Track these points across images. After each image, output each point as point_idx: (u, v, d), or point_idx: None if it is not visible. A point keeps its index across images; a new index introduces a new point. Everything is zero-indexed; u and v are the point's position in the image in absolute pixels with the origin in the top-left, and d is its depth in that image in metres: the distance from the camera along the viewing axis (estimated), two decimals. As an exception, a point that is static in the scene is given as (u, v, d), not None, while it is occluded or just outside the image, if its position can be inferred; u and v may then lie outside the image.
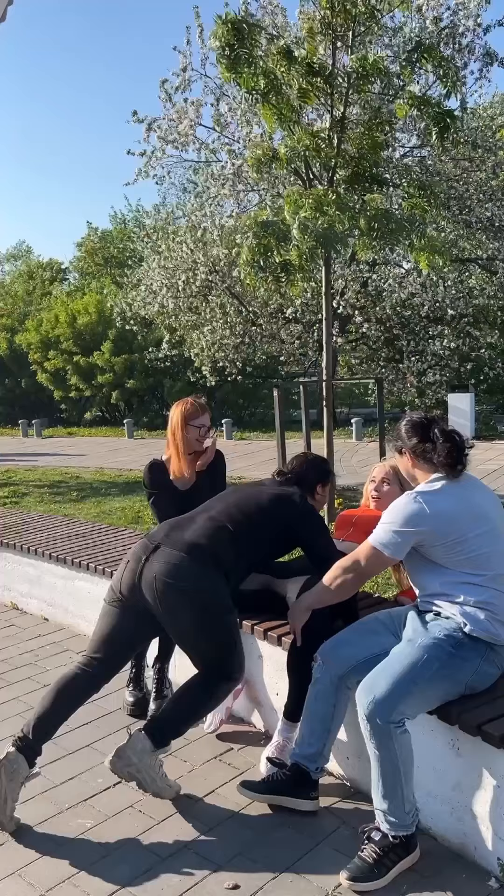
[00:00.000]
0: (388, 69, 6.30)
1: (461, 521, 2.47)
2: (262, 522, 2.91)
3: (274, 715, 3.14)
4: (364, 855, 2.33)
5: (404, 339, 14.64)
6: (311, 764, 2.66)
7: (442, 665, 2.38)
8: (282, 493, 3.04)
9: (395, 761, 2.32)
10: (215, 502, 3.01)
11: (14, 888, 2.34)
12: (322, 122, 7.77)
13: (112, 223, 31.41)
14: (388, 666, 2.40)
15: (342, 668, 2.61)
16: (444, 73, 6.16)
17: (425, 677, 2.35)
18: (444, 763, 2.46)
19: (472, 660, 2.42)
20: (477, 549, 2.48)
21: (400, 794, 2.33)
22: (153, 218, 22.39)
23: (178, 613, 2.71)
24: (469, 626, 2.43)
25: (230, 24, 5.86)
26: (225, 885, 2.31)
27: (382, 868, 2.29)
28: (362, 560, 2.58)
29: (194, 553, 2.72)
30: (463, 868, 2.36)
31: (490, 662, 2.46)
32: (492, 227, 13.45)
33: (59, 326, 21.90)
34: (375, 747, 2.33)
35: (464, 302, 13.86)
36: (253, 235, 6.23)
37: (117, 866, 2.42)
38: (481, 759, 2.32)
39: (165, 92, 12.50)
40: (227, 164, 12.39)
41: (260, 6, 11.96)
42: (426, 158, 12.79)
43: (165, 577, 2.68)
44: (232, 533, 2.82)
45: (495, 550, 2.51)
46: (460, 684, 2.42)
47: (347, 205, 5.89)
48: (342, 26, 6.14)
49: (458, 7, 11.27)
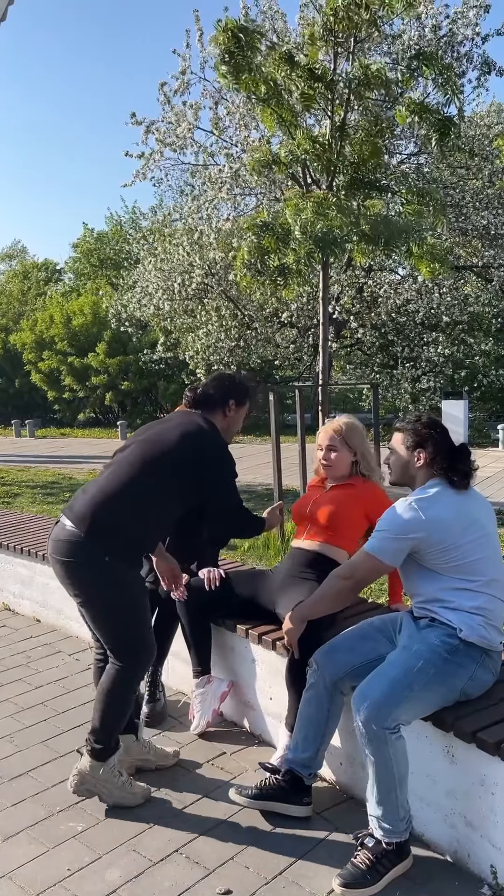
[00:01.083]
0: (388, 77, 6.32)
1: (454, 528, 2.48)
2: (168, 472, 2.67)
3: (266, 719, 3.13)
4: (357, 861, 2.32)
5: (399, 346, 14.68)
6: (305, 769, 2.64)
7: (437, 671, 2.37)
8: (186, 423, 2.77)
9: (391, 767, 2.31)
10: (122, 452, 2.77)
11: (5, 891, 2.32)
12: (321, 128, 7.79)
13: (108, 224, 31.36)
14: (383, 672, 2.40)
15: (337, 673, 2.60)
16: (444, 81, 6.19)
17: (421, 683, 2.34)
18: (437, 770, 2.45)
19: (467, 666, 2.42)
20: (470, 555, 2.48)
21: (394, 800, 2.33)
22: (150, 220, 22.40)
23: (77, 590, 2.64)
24: (464, 632, 2.43)
25: (230, 30, 5.87)
26: (217, 890, 2.30)
27: (375, 874, 2.29)
28: (359, 568, 2.58)
29: (83, 525, 2.56)
30: (456, 875, 2.35)
31: (485, 669, 2.46)
32: (487, 234, 13.52)
33: (53, 327, 21.85)
34: (371, 753, 2.32)
35: (459, 309, 13.92)
36: (253, 235, 6.24)
37: (108, 870, 2.40)
38: (476, 766, 2.31)
39: (164, 95, 12.52)
40: (225, 168, 12.41)
41: (260, 11, 12.01)
42: (423, 166, 12.85)
43: (55, 554, 2.63)
44: (135, 495, 2.61)
45: (488, 556, 2.51)
46: (455, 690, 2.42)
47: (348, 209, 5.91)
48: (344, 33, 6.17)
49: (457, 16, 11.34)
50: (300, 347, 15.68)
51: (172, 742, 3.15)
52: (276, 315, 14.90)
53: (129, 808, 2.70)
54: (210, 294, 14.83)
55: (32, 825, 2.64)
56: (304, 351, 15.73)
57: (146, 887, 2.33)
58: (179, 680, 3.59)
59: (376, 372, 15.17)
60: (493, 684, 2.50)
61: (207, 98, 12.59)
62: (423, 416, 2.69)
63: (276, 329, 15.39)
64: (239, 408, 2.92)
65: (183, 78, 12.35)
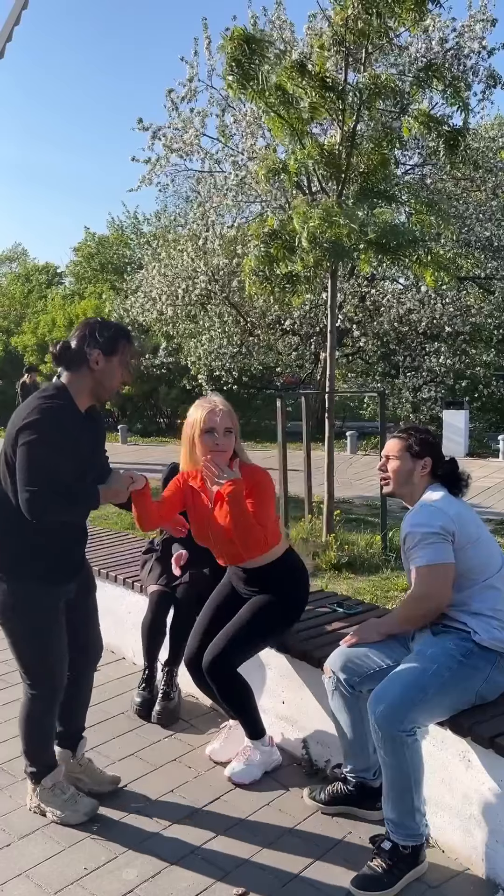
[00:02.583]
0: (398, 87, 6.38)
1: (471, 524, 2.53)
2: (3, 467, 2.45)
3: (277, 723, 3.14)
4: (374, 864, 2.33)
5: (401, 355, 14.74)
6: (366, 773, 2.65)
7: (452, 674, 2.39)
8: (21, 407, 2.45)
9: (406, 770, 2.32)
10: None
11: (22, 889, 2.33)
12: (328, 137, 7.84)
13: (109, 229, 31.42)
14: (399, 675, 2.41)
15: (352, 678, 2.61)
16: (453, 93, 6.24)
17: (436, 686, 2.36)
18: (454, 775, 2.46)
19: (482, 669, 2.43)
20: (483, 553, 2.53)
21: (410, 803, 2.34)
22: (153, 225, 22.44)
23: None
24: (479, 635, 2.45)
25: (237, 39, 5.88)
26: (234, 892, 2.31)
27: (392, 878, 2.30)
28: (427, 585, 2.50)
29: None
30: (470, 881, 2.37)
31: (500, 670, 2.47)
32: (490, 246, 13.61)
33: (56, 330, 21.87)
34: (386, 755, 2.34)
35: (461, 320, 13.99)
36: (262, 244, 6.27)
37: (124, 870, 2.41)
38: (493, 771, 2.33)
39: (171, 101, 12.59)
40: (231, 175, 12.48)
41: (268, 20, 12.10)
42: (426, 177, 12.94)
43: None
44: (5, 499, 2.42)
45: (493, 553, 2.57)
46: (471, 693, 2.43)
47: (356, 218, 5.95)
48: (355, 43, 6.22)
49: (464, 29, 11.43)
50: (302, 355, 15.73)
51: (184, 744, 3.16)
52: (279, 322, 14.95)
53: (140, 810, 2.71)
54: (213, 300, 14.88)
55: (47, 824, 2.64)
56: (305, 358, 15.78)
57: (163, 887, 2.33)
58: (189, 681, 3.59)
59: (377, 381, 15.23)
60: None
61: (214, 105, 12.69)
62: (419, 425, 2.74)
63: (278, 336, 15.44)
64: (108, 358, 2.44)
65: (190, 85, 12.44)
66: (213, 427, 2.75)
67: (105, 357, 2.43)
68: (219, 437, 2.76)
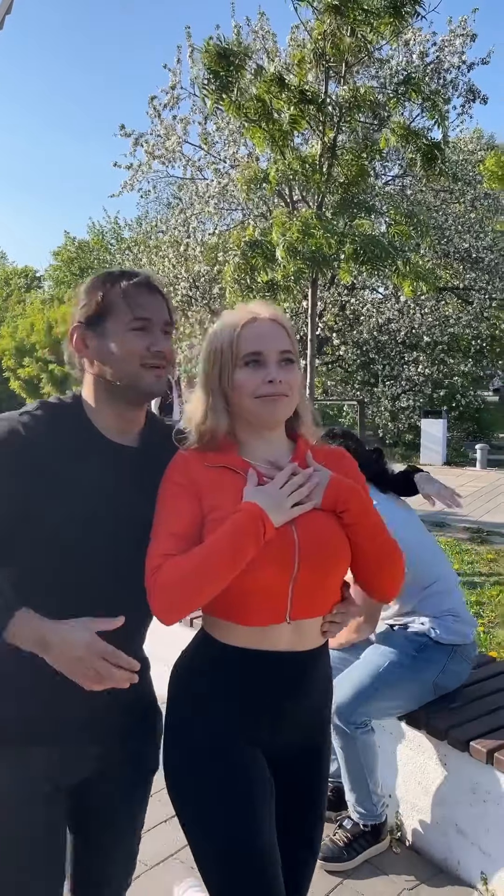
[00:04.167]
0: (377, 100, 6.46)
1: (410, 531, 2.52)
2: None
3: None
4: (336, 838, 2.47)
5: (380, 364, 14.86)
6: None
7: (405, 669, 2.45)
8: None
9: (359, 759, 2.44)
10: None
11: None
12: (309, 148, 7.93)
13: (90, 234, 31.38)
14: (351, 672, 2.50)
15: None
16: (431, 106, 6.34)
17: (388, 682, 2.43)
18: (430, 778, 2.51)
19: (437, 661, 2.48)
20: (425, 555, 2.54)
21: (366, 787, 2.46)
22: (134, 231, 22.44)
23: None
24: (438, 633, 2.48)
25: (215, 52, 5.88)
26: (212, 895, 2.32)
27: (352, 852, 2.45)
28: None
29: None
30: (446, 882, 2.41)
31: (457, 660, 2.51)
32: (469, 257, 13.79)
33: (34, 334, 21.78)
34: (340, 747, 2.45)
35: (439, 330, 14.16)
36: (241, 254, 6.32)
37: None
38: (468, 774, 2.37)
39: (154, 108, 12.63)
40: (213, 182, 12.53)
41: (252, 30, 12.19)
42: (406, 188, 13.09)
43: None
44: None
45: (434, 551, 2.62)
46: (427, 684, 2.48)
47: (334, 229, 6.02)
48: (334, 57, 6.29)
49: (444, 44, 11.61)
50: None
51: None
52: (259, 330, 15.00)
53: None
54: (194, 306, 14.91)
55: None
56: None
57: (140, 892, 2.34)
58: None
59: (357, 389, 15.34)
60: (468, 674, 2.57)
61: (197, 113, 12.74)
62: (335, 429, 2.70)
63: (257, 343, 15.49)
64: (94, 327, 1.49)
65: (172, 92, 12.48)
66: (259, 351, 1.49)
67: (87, 328, 1.48)
68: (273, 371, 1.49)
